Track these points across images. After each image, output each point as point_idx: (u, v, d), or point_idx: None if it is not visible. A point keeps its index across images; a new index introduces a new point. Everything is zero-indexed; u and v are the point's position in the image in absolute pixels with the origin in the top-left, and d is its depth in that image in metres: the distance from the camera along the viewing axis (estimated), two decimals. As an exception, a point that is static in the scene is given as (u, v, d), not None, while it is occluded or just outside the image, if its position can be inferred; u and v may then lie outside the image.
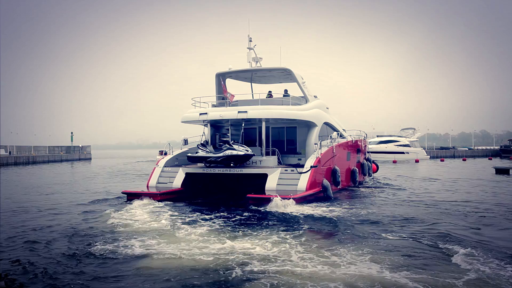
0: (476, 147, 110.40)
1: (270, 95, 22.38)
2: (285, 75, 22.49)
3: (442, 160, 69.12)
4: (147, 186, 19.04)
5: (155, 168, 19.83)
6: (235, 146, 17.91)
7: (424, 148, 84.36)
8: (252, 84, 24.66)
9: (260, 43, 22.35)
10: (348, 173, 22.47)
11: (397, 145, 70.71)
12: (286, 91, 22.57)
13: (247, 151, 17.87)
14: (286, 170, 17.29)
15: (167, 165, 19.76)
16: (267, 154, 19.66)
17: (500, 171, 34.67)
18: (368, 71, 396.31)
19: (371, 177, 27.83)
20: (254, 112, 18.69)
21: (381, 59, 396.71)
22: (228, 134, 21.81)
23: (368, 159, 27.28)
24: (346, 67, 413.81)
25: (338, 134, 21.48)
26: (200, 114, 19.76)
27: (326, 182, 17.45)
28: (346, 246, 9.67)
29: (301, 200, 15.57)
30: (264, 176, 17.30)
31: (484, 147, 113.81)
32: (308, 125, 20.27)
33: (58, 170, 45.69)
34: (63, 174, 38.71)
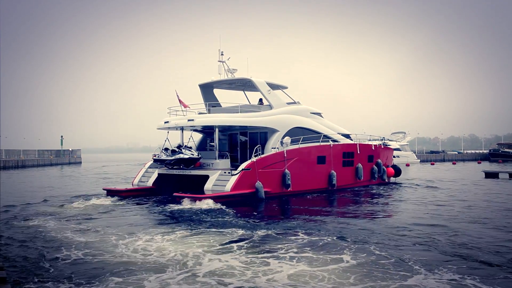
0: (465, 151, 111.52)
1: (261, 102, 24.06)
2: (250, 84, 23.76)
3: (432, 164, 69.73)
4: (132, 184, 22.44)
5: (141, 168, 23.03)
6: (183, 151, 20.17)
7: (414, 152, 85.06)
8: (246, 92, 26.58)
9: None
10: (324, 177, 22.94)
11: (388, 149, 70.99)
12: None
13: (192, 155, 20.14)
14: (225, 172, 19.05)
15: (151, 166, 22.45)
16: (220, 157, 20.99)
17: (489, 175, 35.04)
18: (358, 76, 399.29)
19: (385, 181, 27.79)
20: (199, 120, 21.01)
21: (374, 64, 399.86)
22: (213, 138, 23.45)
23: (377, 163, 26.92)
24: (345, 68, 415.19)
25: (298, 139, 21.82)
26: (165, 122, 22.17)
27: (258, 184, 18.80)
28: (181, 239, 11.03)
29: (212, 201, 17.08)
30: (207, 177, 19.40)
31: (473, 151, 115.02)
32: (272, 131, 21.85)
33: (43, 174, 45.17)
34: (49, 178, 38.27)
